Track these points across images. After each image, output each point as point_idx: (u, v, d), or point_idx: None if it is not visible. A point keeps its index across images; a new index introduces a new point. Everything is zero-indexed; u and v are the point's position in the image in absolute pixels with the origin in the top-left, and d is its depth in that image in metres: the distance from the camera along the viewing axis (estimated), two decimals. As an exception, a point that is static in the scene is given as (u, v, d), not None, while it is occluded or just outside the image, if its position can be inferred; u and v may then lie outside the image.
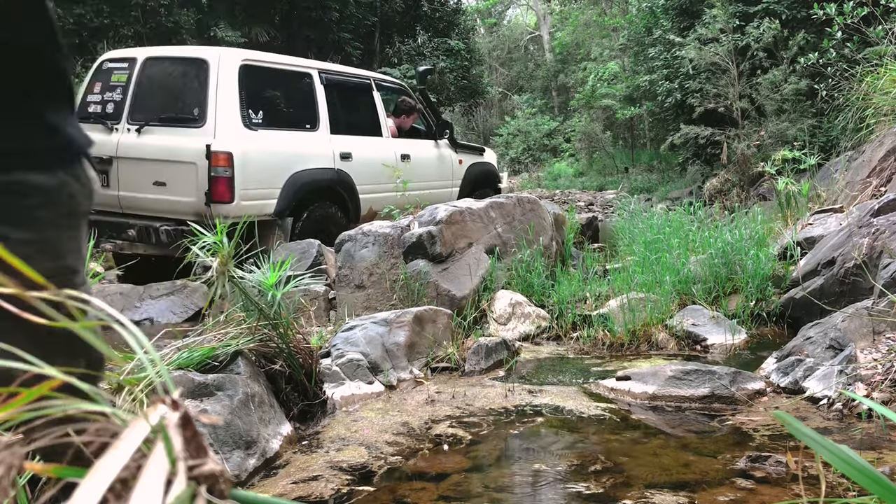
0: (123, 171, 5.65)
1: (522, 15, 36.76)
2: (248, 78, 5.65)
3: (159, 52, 6.03)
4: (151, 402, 0.50)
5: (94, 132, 5.56)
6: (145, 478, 0.45)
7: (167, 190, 5.45)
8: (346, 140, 6.36)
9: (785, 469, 2.45)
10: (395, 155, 6.94)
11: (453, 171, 7.79)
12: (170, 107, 5.71)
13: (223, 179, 5.27)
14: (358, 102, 6.92)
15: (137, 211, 5.65)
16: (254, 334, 2.87)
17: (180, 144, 5.43)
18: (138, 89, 5.73)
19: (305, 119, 6.16)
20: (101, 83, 5.91)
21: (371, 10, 15.14)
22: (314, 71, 6.31)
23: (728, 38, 10.28)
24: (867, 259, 4.00)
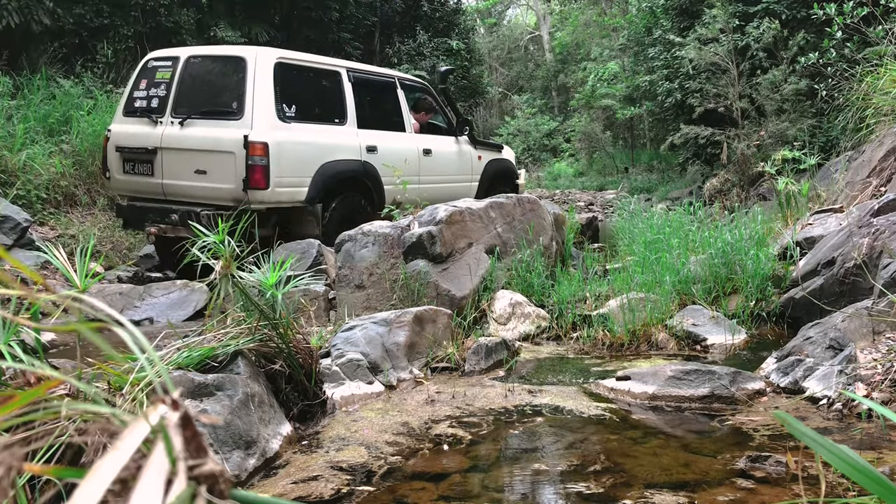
0: (167, 160, 6.05)
1: (522, 15, 36.76)
2: (283, 75, 6.01)
3: (200, 52, 6.45)
4: (151, 403, 0.50)
5: (141, 125, 6.22)
6: (145, 478, 0.45)
7: (208, 178, 5.83)
8: (372, 134, 6.70)
9: (785, 469, 2.45)
10: (418, 150, 7.25)
11: (472, 166, 8.07)
12: (210, 101, 6.08)
13: (259, 168, 5.63)
14: (383, 99, 7.23)
15: (180, 197, 6.03)
16: (254, 334, 2.87)
17: (220, 136, 5.80)
18: (181, 85, 6.13)
19: (334, 114, 6.50)
20: (146, 80, 6.33)
21: (371, 10, 15.13)
22: (343, 69, 6.69)
23: (728, 38, 10.28)
24: (867, 259, 4.00)
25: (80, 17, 10.21)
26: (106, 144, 6.50)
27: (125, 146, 6.30)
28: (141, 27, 11.15)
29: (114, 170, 6.44)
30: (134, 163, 6.29)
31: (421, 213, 5.09)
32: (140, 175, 6.25)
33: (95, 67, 9.92)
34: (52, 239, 6.69)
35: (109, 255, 6.88)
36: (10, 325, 1.99)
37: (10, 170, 7.11)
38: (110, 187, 6.78)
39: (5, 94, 8.17)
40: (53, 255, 2.20)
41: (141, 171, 6.23)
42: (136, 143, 6.21)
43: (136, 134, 6.24)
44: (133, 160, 6.29)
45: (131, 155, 6.28)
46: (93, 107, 8.36)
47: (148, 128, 6.13)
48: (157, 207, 6.08)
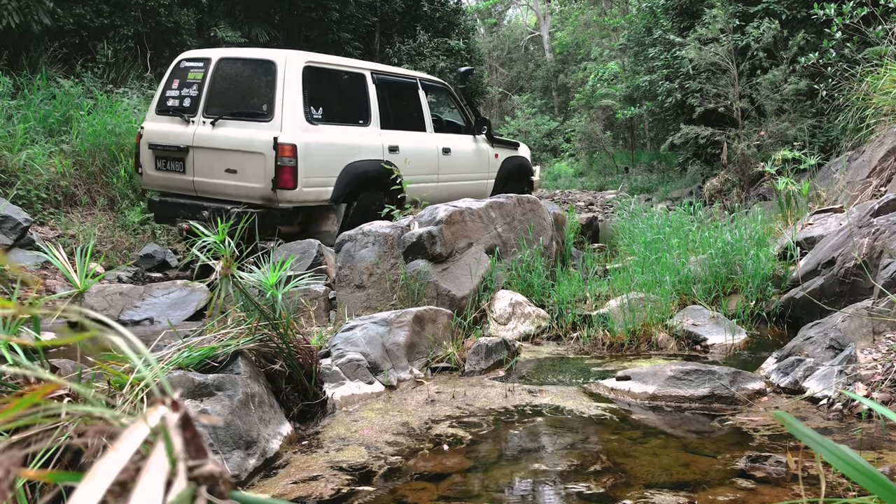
0: (199, 159, 6.26)
1: (522, 15, 36.75)
2: (311, 78, 6.22)
3: (232, 53, 6.64)
4: (151, 403, 0.50)
5: (173, 124, 6.41)
6: (145, 478, 0.45)
7: (238, 176, 6.03)
8: (394, 134, 6.91)
9: (785, 469, 2.45)
10: (438, 149, 7.45)
11: (490, 164, 8.25)
12: (241, 102, 6.29)
13: (288, 168, 5.84)
14: (405, 100, 7.44)
15: (210, 194, 6.24)
16: (254, 334, 2.87)
17: (250, 136, 6.00)
18: (212, 86, 6.33)
19: (359, 115, 6.71)
20: (178, 80, 6.53)
21: (371, 10, 15.12)
22: (367, 71, 6.89)
23: (728, 38, 10.28)
24: (867, 259, 4.00)
25: (80, 17, 10.21)
26: (139, 141, 6.67)
27: (158, 144, 6.47)
28: (141, 27, 11.15)
29: (146, 166, 6.62)
30: (166, 160, 6.47)
31: (421, 213, 5.09)
32: (172, 172, 6.44)
33: (95, 67, 9.91)
34: (52, 239, 6.69)
35: (109, 255, 6.88)
36: (11, 325, 1.99)
37: (10, 170, 7.11)
38: (142, 183, 6.93)
39: (5, 94, 8.17)
40: (53, 255, 2.20)
41: (173, 169, 6.43)
42: (169, 141, 6.39)
43: (169, 132, 6.41)
44: (165, 157, 6.47)
45: (164, 152, 6.46)
46: (93, 107, 8.36)
47: (180, 126, 6.34)
48: (188, 204, 6.27)
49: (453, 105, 8.22)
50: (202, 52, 6.83)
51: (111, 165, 7.84)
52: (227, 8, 12.92)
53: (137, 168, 6.77)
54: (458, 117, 8.19)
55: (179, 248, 7.61)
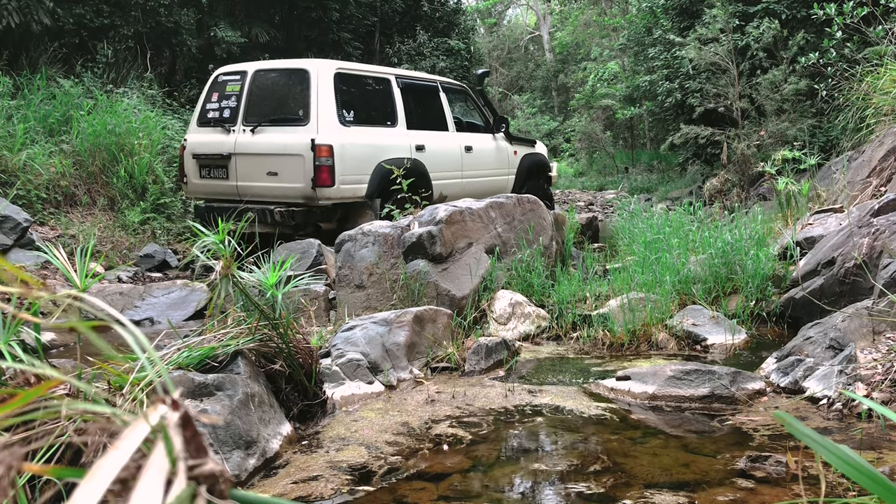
0: (241, 165, 6.68)
1: (522, 15, 36.74)
2: (341, 83, 6.65)
3: (266, 66, 7.09)
4: (151, 402, 0.50)
5: (215, 134, 6.85)
6: (146, 477, 0.45)
7: (279, 178, 6.44)
8: (419, 134, 7.34)
9: (785, 469, 2.45)
10: (460, 147, 7.85)
11: (510, 160, 8.64)
12: (278, 110, 6.73)
13: (326, 168, 6.24)
14: (428, 102, 7.84)
15: (254, 197, 6.61)
16: (254, 334, 2.87)
17: (289, 140, 6.41)
18: (250, 96, 6.77)
19: (386, 117, 7.13)
20: (217, 93, 6.99)
21: (371, 10, 15.12)
22: (392, 76, 7.33)
23: (728, 38, 10.28)
24: (867, 259, 4.00)
25: (80, 17, 10.21)
26: (182, 153, 7.08)
27: (201, 153, 6.88)
28: (141, 27, 11.15)
29: (191, 175, 7.03)
30: (210, 168, 6.87)
31: (421, 213, 5.09)
32: (216, 179, 6.85)
33: (95, 67, 9.91)
34: (52, 239, 6.69)
35: (109, 255, 6.88)
36: (11, 325, 1.99)
37: (10, 170, 7.11)
38: (187, 192, 7.29)
39: (5, 94, 8.17)
40: (53, 255, 2.20)
41: (217, 176, 6.84)
42: (212, 150, 6.80)
43: (211, 142, 6.83)
44: (209, 166, 6.87)
45: (207, 161, 6.86)
46: (93, 107, 8.35)
47: (221, 136, 6.77)
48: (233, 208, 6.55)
49: (472, 105, 8.60)
50: (238, 66, 7.31)
51: (111, 165, 7.84)
52: (227, 8, 12.92)
53: (182, 178, 7.16)
54: (478, 117, 8.56)
55: (179, 248, 7.61)
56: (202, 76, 11.78)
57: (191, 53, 12.05)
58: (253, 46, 12.64)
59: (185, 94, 11.29)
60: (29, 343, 2.25)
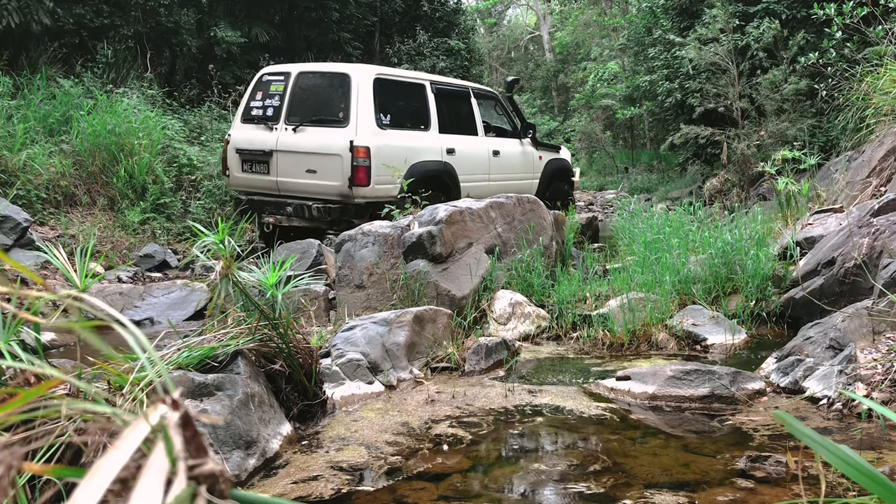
0: (282, 161, 6.99)
1: (522, 15, 36.74)
2: (380, 88, 6.94)
3: (309, 68, 7.44)
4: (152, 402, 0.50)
5: (258, 131, 7.15)
6: (146, 477, 0.45)
7: (317, 176, 6.75)
8: (450, 138, 7.64)
9: (785, 469, 2.45)
10: (488, 151, 8.17)
11: (535, 165, 8.98)
12: (319, 111, 7.02)
13: (362, 168, 6.55)
14: (459, 107, 8.16)
15: (293, 192, 6.96)
16: (254, 334, 2.87)
17: (328, 140, 6.72)
18: (293, 97, 7.08)
19: (420, 121, 7.47)
20: (261, 92, 7.31)
21: (371, 10, 15.11)
22: (427, 82, 7.68)
23: (728, 38, 10.28)
24: (867, 259, 4.00)
25: (80, 17, 10.20)
26: (226, 147, 7.42)
27: (244, 149, 7.20)
28: (141, 27, 11.14)
29: (233, 169, 7.34)
30: (252, 163, 7.19)
31: (421, 213, 5.09)
32: (257, 174, 7.16)
33: (95, 67, 9.90)
34: (52, 239, 6.69)
35: (109, 255, 6.88)
36: (11, 325, 1.99)
37: (10, 170, 7.11)
38: (228, 184, 7.66)
39: (5, 94, 8.17)
40: (53, 255, 2.20)
41: (258, 171, 7.15)
42: (254, 146, 7.11)
43: (254, 138, 7.14)
44: (251, 161, 7.19)
45: (249, 156, 7.18)
46: (93, 107, 8.35)
47: (264, 133, 7.07)
48: (272, 201, 7.03)
49: (501, 111, 8.92)
50: (282, 66, 7.63)
51: (111, 165, 7.83)
52: (227, 8, 12.91)
53: (224, 171, 7.50)
54: (506, 122, 8.91)
55: (179, 248, 7.61)
56: (202, 76, 11.77)
57: (191, 53, 12.04)
58: (253, 46, 12.64)
59: (185, 94, 11.29)
60: (29, 343, 2.26)
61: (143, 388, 2.15)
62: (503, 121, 8.94)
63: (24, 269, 0.52)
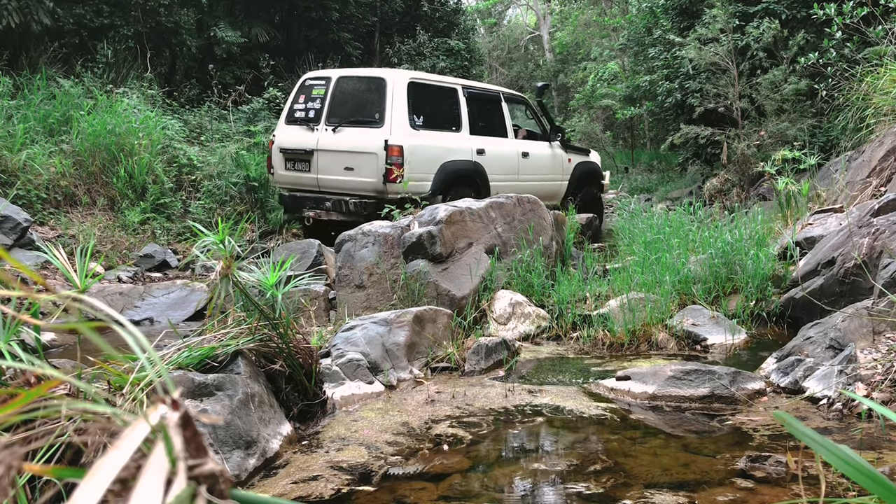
0: (322, 159, 7.49)
1: (522, 15, 36.73)
2: (413, 91, 7.38)
3: (348, 73, 7.98)
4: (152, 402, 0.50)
5: (300, 131, 7.65)
6: (146, 477, 0.45)
7: (354, 173, 7.21)
8: (481, 139, 8.03)
9: (785, 469, 2.45)
10: (518, 153, 8.54)
11: (563, 168, 9.32)
12: (357, 112, 7.49)
13: (396, 165, 6.92)
14: (490, 110, 8.55)
15: (331, 189, 7.45)
16: (254, 334, 2.87)
17: (365, 140, 7.17)
18: (333, 100, 7.58)
19: (452, 122, 7.85)
20: (304, 95, 7.84)
21: (371, 10, 15.10)
22: (459, 86, 8.10)
23: (728, 38, 10.27)
24: (867, 259, 4.00)
25: (80, 17, 10.20)
26: (271, 147, 7.95)
27: (287, 148, 7.70)
28: (141, 27, 11.14)
29: (277, 167, 7.86)
30: (294, 161, 7.69)
31: (421, 213, 5.09)
32: (299, 171, 7.66)
33: (95, 67, 9.90)
34: (52, 239, 6.69)
35: (109, 255, 6.88)
36: (11, 325, 1.99)
37: (10, 170, 7.11)
38: (272, 181, 8.14)
39: (5, 94, 8.17)
40: (53, 255, 2.20)
41: (300, 168, 7.65)
42: (297, 145, 7.62)
43: (297, 139, 7.64)
44: (294, 159, 7.69)
45: (292, 155, 7.68)
46: (93, 107, 8.35)
47: (306, 134, 7.57)
48: (312, 197, 7.53)
49: (531, 115, 9.32)
50: (323, 72, 8.26)
51: (111, 165, 7.83)
52: (227, 8, 12.91)
53: (269, 169, 8.02)
54: (536, 125, 9.28)
55: (179, 248, 7.61)
56: (202, 76, 11.77)
57: (191, 53, 12.04)
58: (253, 46, 12.63)
59: (185, 94, 11.28)
60: (29, 343, 2.26)
61: (143, 388, 2.15)
62: (533, 124, 9.32)
63: (24, 269, 0.52)
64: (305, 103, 7.77)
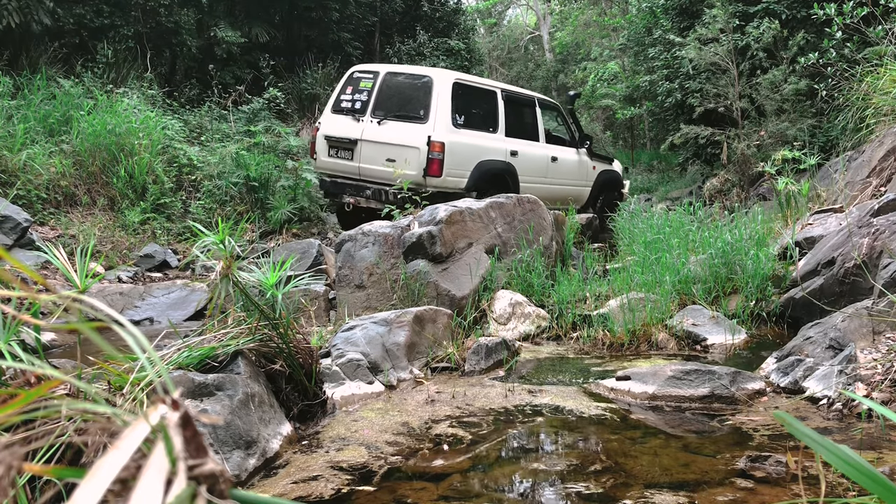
0: (365, 150, 7.82)
1: (522, 15, 36.72)
2: (457, 92, 7.75)
3: (396, 69, 8.37)
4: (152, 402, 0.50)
5: (345, 121, 8.02)
6: (146, 477, 0.45)
7: (395, 165, 7.36)
8: (515, 141, 8.41)
9: (785, 469, 2.45)
10: (547, 156, 8.92)
11: (588, 174, 9.74)
12: (402, 107, 7.82)
13: (437, 161, 7.36)
14: (525, 114, 8.91)
15: (372, 178, 7.75)
16: (254, 334, 2.87)
17: (409, 134, 7.54)
18: (379, 93, 7.93)
19: (489, 124, 8.21)
20: (351, 87, 8.20)
21: (371, 10, 15.10)
22: (499, 90, 8.48)
23: (728, 38, 10.27)
24: (867, 259, 4.00)
25: (80, 17, 10.20)
26: (316, 133, 8.34)
27: (332, 136, 8.07)
28: (141, 27, 11.14)
29: (320, 153, 8.24)
30: (338, 149, 8.06)
31: (421, 213, 5.09)
32: (342, 159, 8.01)
33: (95, 67, 9.90)
34: (52, 239, 6.69)
35: (109, 255, 6.88)
36: (11, 325, 1.99)
37: (10, 170, 7.11)
38: (315, 166, 8.49)
39: (5, 94, 8.17)
40: (53, 255, 2.20)
41: (343, 156, 8.00)
42: (342, 134, 7.99)
43: (342, 128, 8.00)
44: (337, 147, 8.06)
45: (336, 143, 8.05)
46: (93, 107, 8.34)
47: (351, 123, 7.92)
48: (353, 184, 7.86)
49: (562, 122, 9.71)
50: (372, 66, 8.58)
51: (111, 165, 7.83)
52: (227, 8, 12.91)
53: (313, 154, 8.39)
54: (566, 132, 9.68)
55: (179, 248, 7.61)
56: (202, 76, 11.77)
57: (191, 53, 12.04)
58: (253, 46, 12.63)
59: (185, 94, 11.28)
60: (29, 343, 2.26)
61: (143, 388, 2.15)
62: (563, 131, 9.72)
63: (25, 269, 0.52)
64: (352, 94, 8.09)
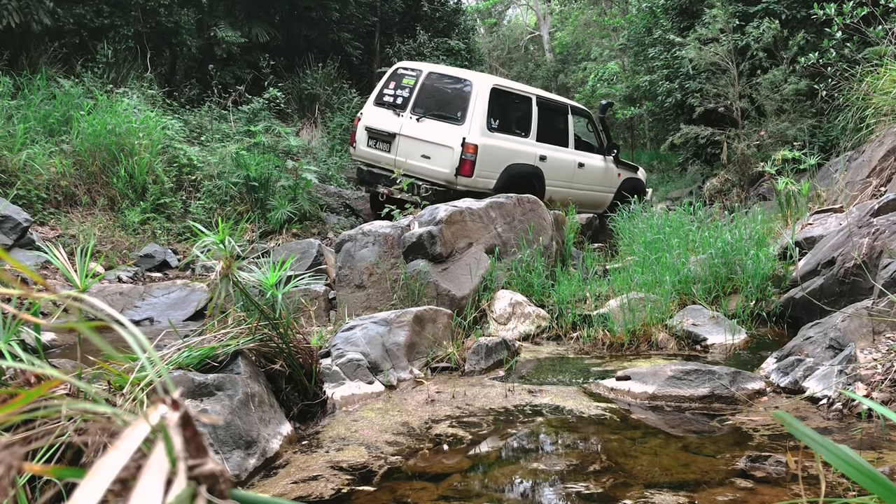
0: (402, 144, 8.14)
1: (522, 15, 36.72)
2: (494, 96, 8.05)
3: (439, 69, 8.74)
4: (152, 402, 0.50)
5: (386, 114, 8.35)
6: (146, 477, 0.45)
7: (430, 162, 7.87)
8: (545, 147, 8.66)
9: (785, 469, 2.45)
10: (575, 162, 9.17)
11: (612, 181, 9.99)
12: (441, 107, 8.16)
13: (469, 161, 7.67)
14: (556, 121, 9.15)
15: (407, 171, 7.77)
16: (254, 334, 2.87)
17: (445, 133, 7.86)
18: (421, 91, 8.27)
19: (522, 128, 8.49)
20: (394, 82, 8.54)
21: (371, 10, 15.09)
22: (534, 96, 8.77)
23: (728, 38, 10.27)
24: (867, 259, 4.00)
25: (80, 17, 10.20)
26: (357, 123, 8.68)
27: (372, 128, 8.41)
28: (141, 27, 11.14)
29: (360, 143, 8.56)
30: (377, 140, 8.38)
31: (421, 213, 5.09)
32: (380, 150, 8.34)
33: (95, 67, 9.90)
34: (52, 239, 6.69)
35: (109, 255, 6.88)
36: (11, 325, 1.99)
37: (10, 170, 7.11)
38: (353, 155, 8.84)
39: (5, 94, 8.16)
40: (53, 255, 2.20)
41: (381, 148, 8.33)
42: (382, 126, 8.31)
43: (383, 120, 8.33)
44: (376, 139, 8.38)
45: (376, 135, 8.38)
46: (93, 107, 8.34)
47: (392, 117, 8.25)
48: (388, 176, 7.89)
49: (592, 129, 9.91)
50: (415, 63, 8.98)
51: (111, 165, 7.83)
52: (227, 8, 12.90)
53: (352, 143, 8.72)
54: (594, 139, 9.92)
55: (179, 248, 7.61)
56: (202, 76, 11.76)
57: (191, 53, 12.04)
58: (253, 46, 12.63)
59: (185, 94, 11.28)
60: (29, 343, 2.26)
61: (143, 388, 2.15)
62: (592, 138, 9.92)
63: (25, 269, 0.52)
64: (395, 90, 8.41)
